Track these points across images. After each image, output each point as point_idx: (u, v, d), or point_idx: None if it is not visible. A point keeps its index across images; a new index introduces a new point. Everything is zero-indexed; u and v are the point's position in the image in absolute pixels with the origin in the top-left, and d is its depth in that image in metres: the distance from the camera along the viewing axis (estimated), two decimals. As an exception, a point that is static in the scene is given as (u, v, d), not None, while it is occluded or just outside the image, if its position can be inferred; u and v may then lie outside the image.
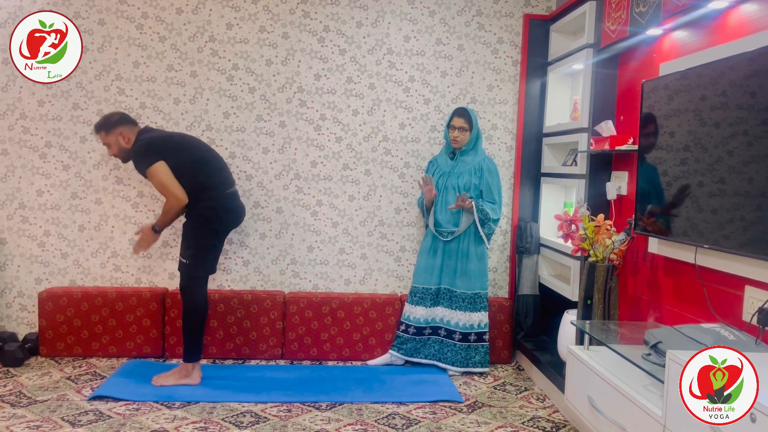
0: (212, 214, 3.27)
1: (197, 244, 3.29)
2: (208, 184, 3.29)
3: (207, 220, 3.27)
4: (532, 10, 4.04)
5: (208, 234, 3.31)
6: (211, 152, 3.44)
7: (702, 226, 2.36)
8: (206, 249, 3.32)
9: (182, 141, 3.40)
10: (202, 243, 3.30)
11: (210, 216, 3.27)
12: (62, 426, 2.82)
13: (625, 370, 2.44)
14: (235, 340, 3.83)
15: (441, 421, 3.03)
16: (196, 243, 3.29)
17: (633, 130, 3.06)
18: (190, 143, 3.42)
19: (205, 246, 3.31)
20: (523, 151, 4.03)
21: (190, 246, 3.29)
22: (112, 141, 3.34)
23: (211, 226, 3.29)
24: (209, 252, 3.35)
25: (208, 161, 3.37)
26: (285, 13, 3.91)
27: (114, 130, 3.32)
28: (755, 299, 2.22)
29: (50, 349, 3.74)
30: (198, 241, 3.29)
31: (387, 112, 4.01)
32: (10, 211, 3.85)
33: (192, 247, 3.28)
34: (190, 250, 3.28)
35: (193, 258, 3.28)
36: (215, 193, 3.30)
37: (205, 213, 3.27)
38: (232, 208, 3.39)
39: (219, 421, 2.93)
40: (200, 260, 3.31)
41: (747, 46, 2.21)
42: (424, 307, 3.75)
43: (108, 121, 3.34)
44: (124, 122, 3.35)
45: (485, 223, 3.66)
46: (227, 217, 3.36)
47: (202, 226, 3.28)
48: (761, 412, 1.57)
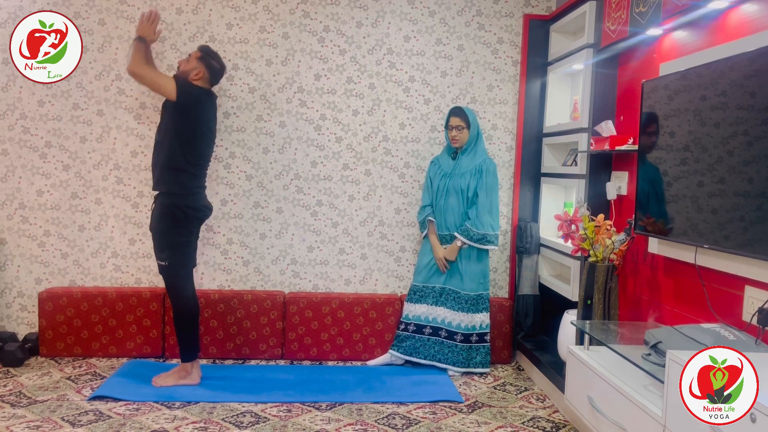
0: (181, 215, 3.26)
1: (171, 243, 3.27)
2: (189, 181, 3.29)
3: (176, 219, 3.25)
4: (532, 10, 4.04)
5: (179, 231, 3.28)
6: (211, 150, 3.46)
7: (702, 226, 2.36)
8: (181, 245, 3.30)
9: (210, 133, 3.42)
10: (176, 241, 3.28)
11: (179, 216, 3.25)
12: (62, 426, 2.82)
13: (625, 370, 2.44)
14: (235, 340, 3.83)
15: (441, 421, 3.03)
16: (169, 242, 3.27)
17: (633, 130, 3.06)
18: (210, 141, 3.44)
19: (179, 243, 3.29)
20: (523, 151, 4.03)
21: (164, 247, 3.28)
22: (193, 66, 3.35)
23: (179, 224, 3.27)
24: (185, 248, 3.33)
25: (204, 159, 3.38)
26: (285, 13, 3.91)
27: (202, 62, 3.36)
28: (755, 299, 2.22)
29: (50, 349, 3.74)
30: (170, 240, 3.27)
31: (387, 112, 4.01)
32: (10, 211, 3.85)
33: (166, 248, 3.27)
34: (165, 251, 3.27)
35: (170, 258, 3.27)
36: (189, 195, 3.29)
37: (175, 213, 3.24)
38: (201, 207, 3.38)
39: (219, 421, 2.93)
40: (178, 258, 3.29)
41: (747, 46, 2.21)
42: (426, 305, 3.75)
43: (207, 51, 3.41)
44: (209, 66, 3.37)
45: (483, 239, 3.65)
46: (195, 215, 3.34)
47: (171, 225, 3.26)
48: (761, 412, 1.57)
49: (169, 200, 3.26)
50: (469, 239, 3.63)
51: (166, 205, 3.25)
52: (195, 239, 3.43)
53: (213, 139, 3.46)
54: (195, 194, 3.34)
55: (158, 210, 3.28)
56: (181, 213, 3.26)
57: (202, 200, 3.41)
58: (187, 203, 3.28)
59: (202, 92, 3.35)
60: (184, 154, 3.26)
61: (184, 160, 3.26)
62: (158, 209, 3.28)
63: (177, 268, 3.31)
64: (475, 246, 3.66)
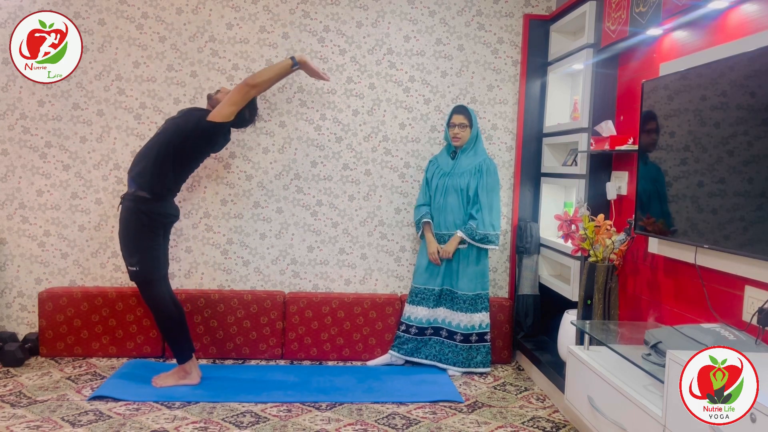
0: (148, 220, 3.23)
1: (139, 248, 3.22)
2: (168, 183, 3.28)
3: (141, 223, 3.22)
4: (532, 10, 4.04)
5: (146, 235, 3.24)
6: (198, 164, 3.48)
7: (702, 226, 2.36)
8: (150, 249, 3.25)
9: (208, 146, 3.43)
10: (144, 245, 3.23)
11: (145, 221, 3.22)
12: (62, 426, 2.82)
13: (625, 370, 2.44)
14: (235, 340, 3.83)
15: (441, 421, 3.03)
16: (137, 247, 3.22)
17: (633, 130, 3.06)
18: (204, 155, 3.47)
19: (147, 247, 3.24)
20: (523, 151, 4.03)
21: (132, 253, 3.23)
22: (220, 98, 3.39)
23: (145, 228, 3.23)
24: (154, 251, 3.28)
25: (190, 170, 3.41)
26: (285, 13, 3.91)
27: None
28: (755, 299, 2.22)
29: (50, 349, 3.74)
30: (138, 244, 3.23)
31: (387, 112, 4.01)
32: (10, 211, 3.85)
33: (135, 253, 3.23)
34: (134, 257, 3.23)
35: (140, 262, 3.23)
36: (158, 200, 3.26)
37: (141, 219, 3.21)
38: (166, 213, 3.34)
39: (219, 421, 2.93)
40: (149, 262, 3.25)
41: (747, 46, 2.21)
42: (427, 308, 3.75)
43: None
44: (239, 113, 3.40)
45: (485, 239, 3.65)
46: (163, 221, 3.32)
47: (138, 229, 3.22)
48: (761, 412, 1.57)
49: (134, 204, 3.21)
50: (471, 239, 3.63)
51: (131, 209, 3.22)
52: (165, 243, 3.40)
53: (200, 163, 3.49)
54: (163, 200, 3.30)
55: (124, 214, 3.24)
56: (146, 217, 3.22)
57: (169, 207, 3.37)
58: (153, 209, 3.25)
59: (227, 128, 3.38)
60: (174, 164, 3.25)
61: (172, 169, 3.26)
62: (124, 213, 3.24)
63: (148, 273, 3.26)
64: (477, 246, 3.66)
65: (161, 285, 3.33)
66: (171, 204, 3.40)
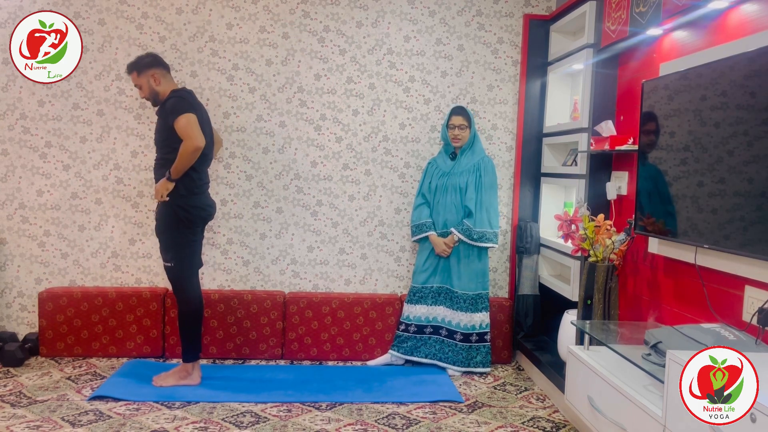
0: (185, 215, 3.24)
1: (175, 245, 3.26)
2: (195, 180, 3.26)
3: (179, 220, 3.23)
4: (532, 10, 4.04)
5: (183, 232, 3.27)
6: (211, 149, 3.44)
7: (702, 226, 2.36)
8: (186, 245, 3.28)
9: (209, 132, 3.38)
10: (180, 241, 3.27)
11: (183, 217, 3.23)
12: (62, 426, 2.82)
13: (625, 370, 2.44)
14: (235, 340, 3.83)
15: (441, 421, 3.03)
16: (174, 243, 3.26)
17: (633, 130, 3.06)
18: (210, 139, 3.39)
19: (183, 243, 3.27)
20: (523, 151, 4.03)
21: (169, 248, 3.27)
22: (143, 82, 3.27)
23: (183, 224, 3.25)
24: (189, 248, 3.31)
25: (207, 158, 3.36)
26: (285, 13, 3.91)
27: (146, 71, 3.25)
28: (755, 299, 2.22)
29: (50, 349, 3.74)
30: (175, 241, 3.26)
31: (387, 112, 4.01)
32: (10, 211, 3.85)
33: (171, 249, 3.26)
34: (170, 252, 3.26)
35: (175, 259, 3.26)
36: (193, 194, 3.26)
37: (178, 214, 3.22)
38: (205, 206, 3.35)
39: (219, 421, 2.93)
40: (183, 258, 3.28)
41: (747, 46, 2.21)
42: (426, 305, 3.75)
43: (140, 62, 3.27)
44: (156, 64, 3.28)
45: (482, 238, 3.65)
46: (200, 214, 3.32)
47: (176, 227, 3.25)
48: (761, 412, 1.57)
49: (172, 200, 3.24)
50: (468, 237, 3.63)
51: (169, 205, 3.23)
52: (200, 239, 3.42)
53: (211, 134, 3.42)
54: (199, 193, 3.31)
55: (162, 211, 3.26)
56: (184, 213, 3.24)
57: (206, 199, 3.38)
58: (191, 203, 3.26)
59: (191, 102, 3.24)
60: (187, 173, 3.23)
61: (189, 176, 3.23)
62: (162, 210, 3.26)
63: (183, 269, 3.29)
64: (475, 244, 3.66)
65: (193, 282, 3.35)
66: (207, 195, 3.40)
